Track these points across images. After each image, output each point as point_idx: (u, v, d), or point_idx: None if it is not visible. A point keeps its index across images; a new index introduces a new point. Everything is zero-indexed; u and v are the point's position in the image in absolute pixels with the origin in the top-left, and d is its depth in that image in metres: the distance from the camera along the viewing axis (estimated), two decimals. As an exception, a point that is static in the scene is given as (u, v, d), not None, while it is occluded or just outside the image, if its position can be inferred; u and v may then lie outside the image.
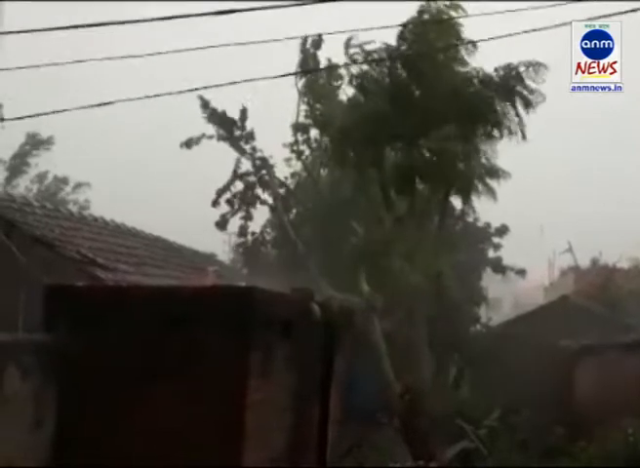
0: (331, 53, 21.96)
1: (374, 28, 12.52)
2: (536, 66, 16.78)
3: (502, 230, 27.41)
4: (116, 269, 11.51)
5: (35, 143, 31.43)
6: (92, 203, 32.33)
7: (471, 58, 17.13)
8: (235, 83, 11.77)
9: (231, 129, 25.05)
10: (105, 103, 11.35)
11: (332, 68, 22.45)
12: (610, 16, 10.70)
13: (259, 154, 25.42)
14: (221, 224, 26.37)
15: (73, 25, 9.61)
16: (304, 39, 23.15)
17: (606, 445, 14.99)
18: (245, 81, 11.66)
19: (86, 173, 33.86)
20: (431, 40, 17.06)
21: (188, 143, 25.18)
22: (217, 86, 12.26)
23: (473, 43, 16.56)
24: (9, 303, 9.63)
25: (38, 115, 12.55)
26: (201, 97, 24.39)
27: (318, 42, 23.29)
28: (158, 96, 11.56)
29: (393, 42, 17.07)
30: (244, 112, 24.98)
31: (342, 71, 22.01)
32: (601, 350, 18.28)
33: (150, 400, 4.42)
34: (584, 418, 17.05)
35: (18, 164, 31.59)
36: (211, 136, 25.15)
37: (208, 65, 21.43)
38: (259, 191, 25.89)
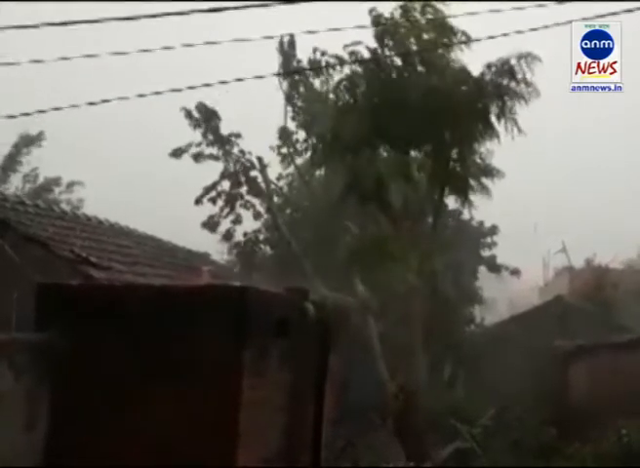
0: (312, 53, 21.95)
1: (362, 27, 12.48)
2: (529, 59, 16.67)
3: (493, 231, 27.46)
4: (110, 268, 11.45)
5: (27, 142, 31.21)
6: (85, 202, 32.19)
7: (464, 54, 17.12)
8: (209, 85, 11.75)
9: (218, 132, 24.94)
10: (91, 103, 11.32)
11: (317, 70, 22.33)
12: (609, 15, 10.64)
13: (247, 156, 25.37)
14: (211, 226, 26.28)
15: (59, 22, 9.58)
16: (282, 40, 23.08)
17: (600, 445, 15.00)
18: (221, 83, 11.62)
19: (79, 172, 33.72)
20: (419, 36, 16.99)
21: (176, 153, 25.09)
22: (197, 86, 12.19)
23: (466, 42, 16.53)
24: (2, 302, 9.58)
25: (30, 114, 12.50)
26: (184, 108, 24.31)
27: (294, 42, 23.15)
28: (142, 95, 11.54)
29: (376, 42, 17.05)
30: (215, 113, 24.94)
31: (325, 71, 21.95)
32: (595, 350, 18.30)
33: (144, 399, 4.40)
34: (579, 418, 17.06)
35: (11, 163, 31.40)
36: (199, 144, 25.08)
37: (195, 65, 21.39)
38: (247, 192, 25.89)
